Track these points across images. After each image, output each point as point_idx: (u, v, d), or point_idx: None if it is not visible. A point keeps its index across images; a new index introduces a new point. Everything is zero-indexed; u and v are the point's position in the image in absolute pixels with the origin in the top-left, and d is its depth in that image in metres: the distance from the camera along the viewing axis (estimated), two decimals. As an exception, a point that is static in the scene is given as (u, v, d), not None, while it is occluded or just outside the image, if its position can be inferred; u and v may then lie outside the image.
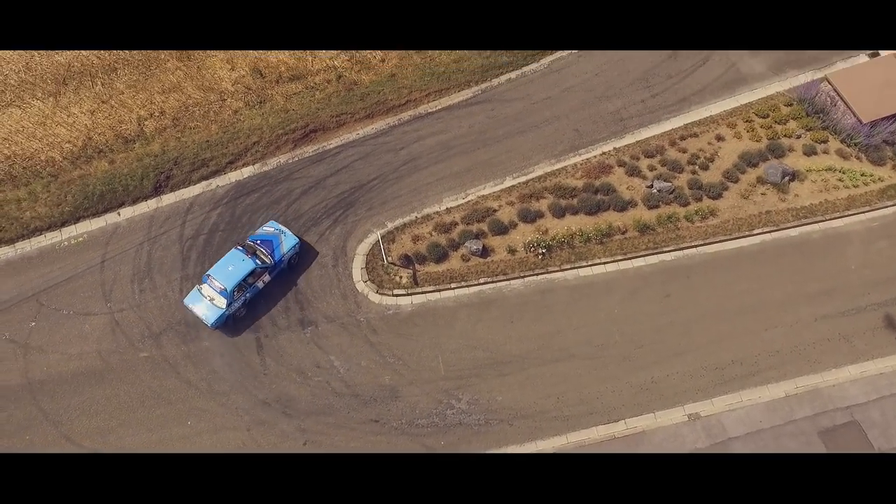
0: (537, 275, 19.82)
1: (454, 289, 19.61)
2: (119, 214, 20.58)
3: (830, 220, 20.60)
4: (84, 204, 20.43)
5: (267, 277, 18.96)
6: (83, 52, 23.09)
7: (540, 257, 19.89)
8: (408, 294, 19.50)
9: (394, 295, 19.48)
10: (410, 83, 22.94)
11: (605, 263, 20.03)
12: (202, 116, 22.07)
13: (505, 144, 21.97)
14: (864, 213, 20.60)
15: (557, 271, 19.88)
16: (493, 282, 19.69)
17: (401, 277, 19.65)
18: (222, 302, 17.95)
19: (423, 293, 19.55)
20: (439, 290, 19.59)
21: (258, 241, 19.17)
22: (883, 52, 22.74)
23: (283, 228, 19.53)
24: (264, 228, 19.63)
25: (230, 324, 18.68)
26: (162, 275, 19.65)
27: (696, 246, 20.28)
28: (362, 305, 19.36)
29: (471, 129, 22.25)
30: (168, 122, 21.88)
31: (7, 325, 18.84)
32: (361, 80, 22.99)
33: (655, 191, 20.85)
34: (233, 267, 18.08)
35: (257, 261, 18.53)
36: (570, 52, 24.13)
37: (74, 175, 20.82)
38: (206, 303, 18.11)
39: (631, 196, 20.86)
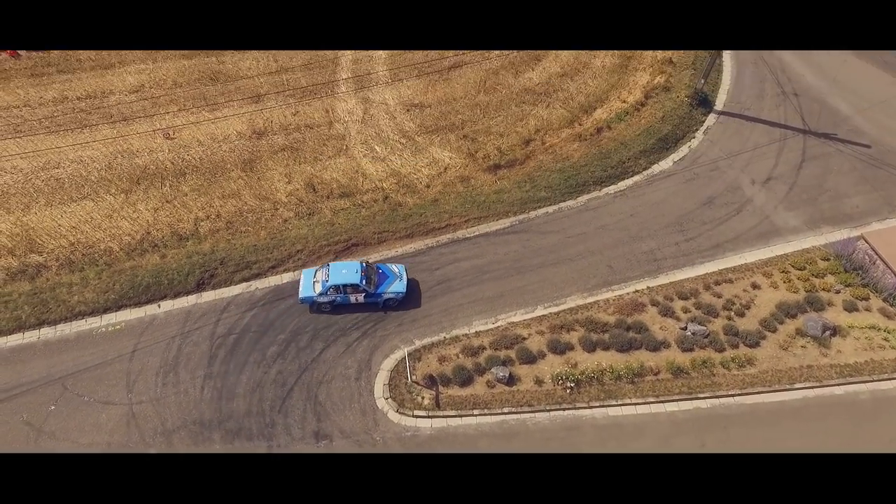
0: (564, 409, 19.04)
1: (476, 416, 18.91)
2: (159, 306, 21.27)
3: (878, 381, 19.56)
4: (129, 293, 21.29)
5: (360, 298, 20.91)
6: (160, 156, 25.53)
7: (568, 391, 19.24)
8: (428, 416, 18.87)
9: (414, 416, 18.87)
10: (451, 209, 24.16)
11: (635, 405, 19.18)
12: (254, 222, 23.48)
13: (538, 274, 22.35)
14: (914, 377, 19.58)
15: (585, 408, 19.08)
16: (517, 412, 18.96)
17: (423, 398, 19.15)
18: (318, 289, 20.58)
19: (444, 417, 18.88)
20: (461, 416, 18.91)
21: (379, 270, 21.41)
22: (919, 217, 22.95)
23: (404, 276, 21.42)
24: (392, 266, 21.75)
25: (314, 309, 21.00)
26: (187, 371, 19.72)
27: (733, 395, 19.34)
28: (380, 423, 18.74)
29: (506, 257, 22.86)
30: (222, 224, 23.32)
31: (27, 407, 18.86)
32: (406, 202, 24.36)
33: (689, 333, 20.45)
34: (345, 271, 20.65)
35: (363, 281, 20.54)
36: (605, 191, 25.31)
37: (126, 265, 21.97)
38: (311, 282, 20.88)
39: (664, 336, 20.48)
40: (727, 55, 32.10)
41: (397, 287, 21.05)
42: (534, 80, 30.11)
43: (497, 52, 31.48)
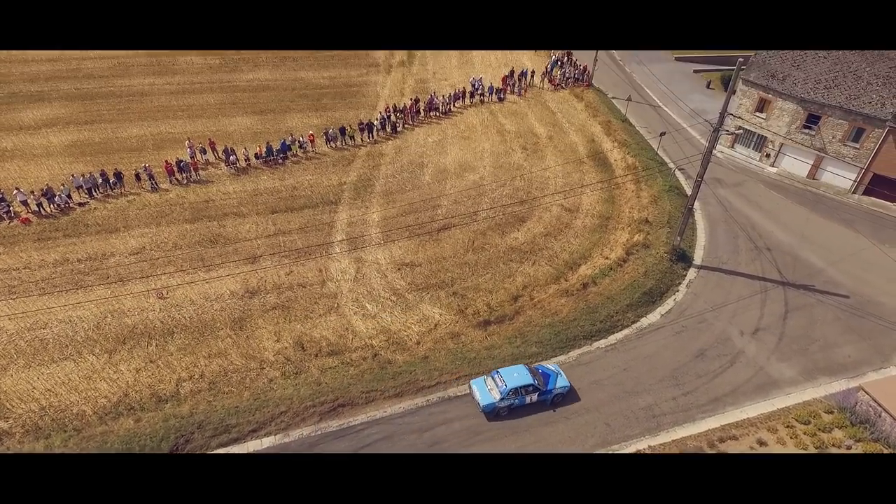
0: None
1: None
2: (126, 478, 19.60)
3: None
4: (95, 463, 19.74)
5: (534, 398, 21.89)
6: (150, 315, 25.54)
7: (574, 572, 17.11)
8: None
9: None
10: (442, 366, 23.74)
11: (652, 587, 16.94)
12: (238, 382, 22.76)
13: (534, 434, 21.25)
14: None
15: (596, 593, 16.79)
16: None
17: (411, 583, 16.86)
18: (497, 395, 21.46)
19: None
20: None
21: (539, 370, 22.68)
22: (914, 367, 22.76)
23: (561, 371, 22.93)
24: (547, 365, 23.27)
25: (493, 416, 21.61)
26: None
27: (759, 573, 17.24)
28: None
29: (499, 415, 21.91)
30: (205, 385, 22.56)
31: None
32: (395, 360, 23.97)
33: (701, 499, 18.89)
34: (517, 375, 21.91)
35: (536, 381, 21.79)
36: (596, 345, 25.19)
37: (97, 431, 20.70)
38: (486, 390, 21.79)
39: None
40: (699, 215, 34.41)
41: (562, 382, 22.45)
42: (519, 239, 31.70)
43: (484, 213, 33.58)
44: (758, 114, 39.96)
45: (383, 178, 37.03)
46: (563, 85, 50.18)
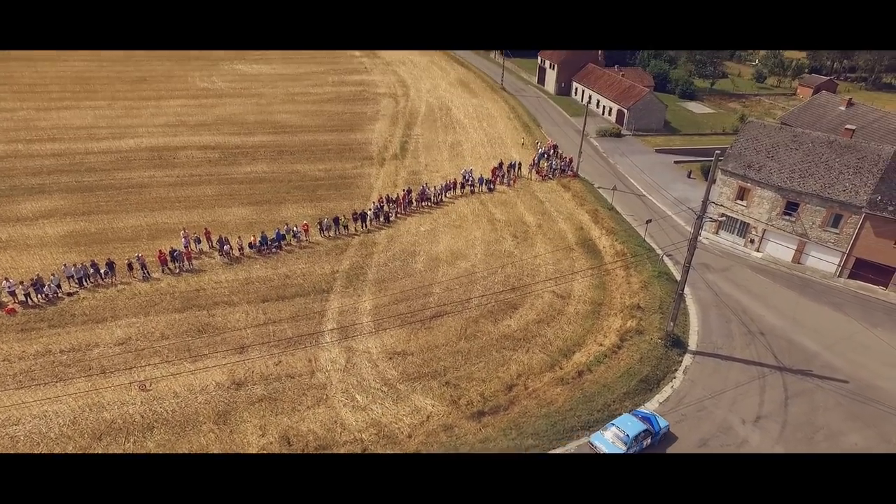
0: None
1: None
2: None
3: None
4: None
5: (648, 441, 22.70)
6: (130, 409, 24.50)
7: None
8: None
9: None
10: (434, 460, 22.62)
11: None
12: (218, 482, 21.45)
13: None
14: None
15: None
16: None
17: None
18: (623, 446, 22.25)
19: None
20: None
21: (640, 415, 23.77)
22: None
23: (655, 413, 24.30)
24: (640, 410, 24.46)
25: None
26: None
27: None
28: None
29: (495, 515, 20.60)
30: (182, 485, 21.22)
31: None
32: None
33: None
34: (630, 423, 22.94)
35: (646, 426, 22.87)
36: (595, 437, 24.25)
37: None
38: (611, 445, 22.46)
39: None
40: (690, 300, 34.57)
41: (662, 422, 23.76)
42: (512, 326, 31.46)
43: (476, 301, 33.54)
44: (739, 202, 41.43)
45: (376, 267, 37.30)
46: (551, 175, 52.21)
